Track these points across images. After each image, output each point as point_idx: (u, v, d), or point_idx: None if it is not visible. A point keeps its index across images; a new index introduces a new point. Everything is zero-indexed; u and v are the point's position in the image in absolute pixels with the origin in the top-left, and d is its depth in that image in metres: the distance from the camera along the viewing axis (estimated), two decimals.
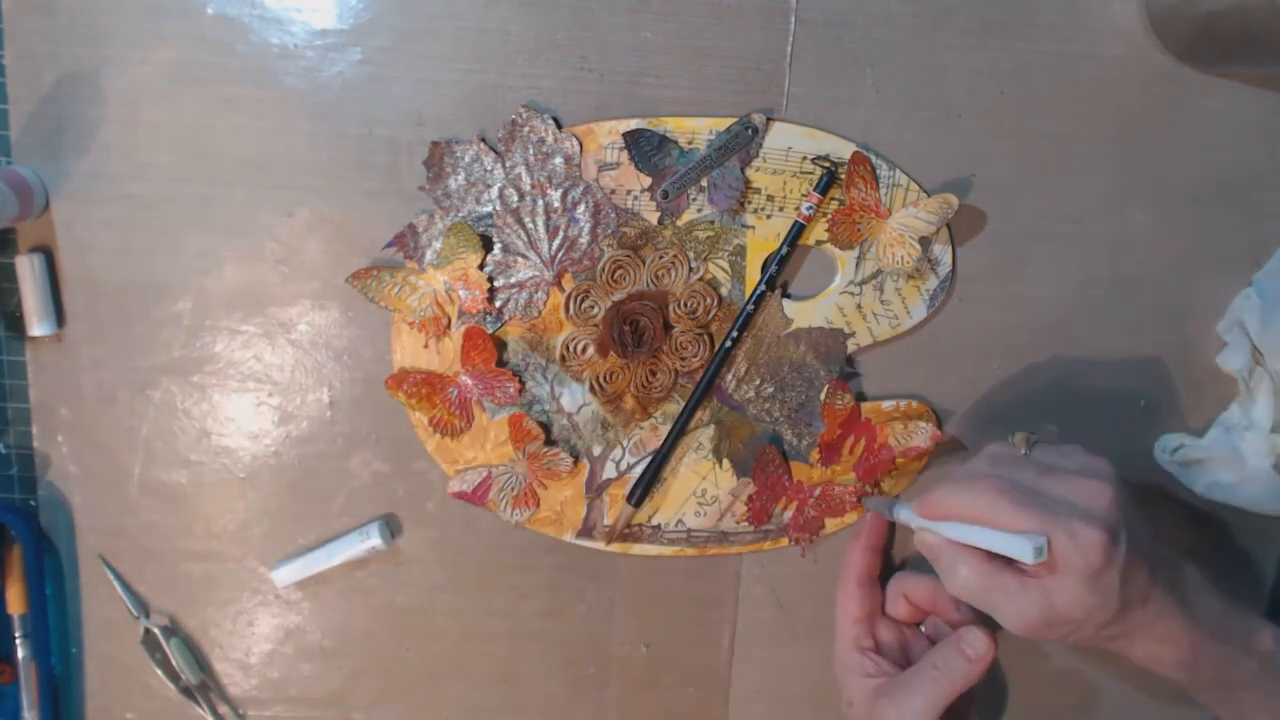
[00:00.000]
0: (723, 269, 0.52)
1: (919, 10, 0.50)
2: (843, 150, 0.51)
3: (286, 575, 0.54)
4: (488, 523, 0.55)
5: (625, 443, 0.54)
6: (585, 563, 0.56)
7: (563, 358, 0.52)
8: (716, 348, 0.52)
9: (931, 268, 0.53)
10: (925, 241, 0.51)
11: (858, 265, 0.52)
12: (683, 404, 0.53)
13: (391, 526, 0.55)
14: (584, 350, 0.52)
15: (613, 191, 0.51)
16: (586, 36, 0.50)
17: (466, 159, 0.50)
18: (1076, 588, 0.41)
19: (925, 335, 0.54)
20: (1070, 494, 0.42)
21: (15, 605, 0.54)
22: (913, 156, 0.52)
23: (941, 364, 0.54)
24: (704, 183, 0.51)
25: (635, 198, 0.51)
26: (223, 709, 0.57)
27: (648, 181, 0.51)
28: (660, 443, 0.53)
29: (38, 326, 0.51)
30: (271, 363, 0.53)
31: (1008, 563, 0.43)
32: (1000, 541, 0.42)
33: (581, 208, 0.51)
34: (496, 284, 0.52)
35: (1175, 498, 0.56)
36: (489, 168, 0.51)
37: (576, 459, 0.54)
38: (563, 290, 0.52)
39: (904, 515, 0.48)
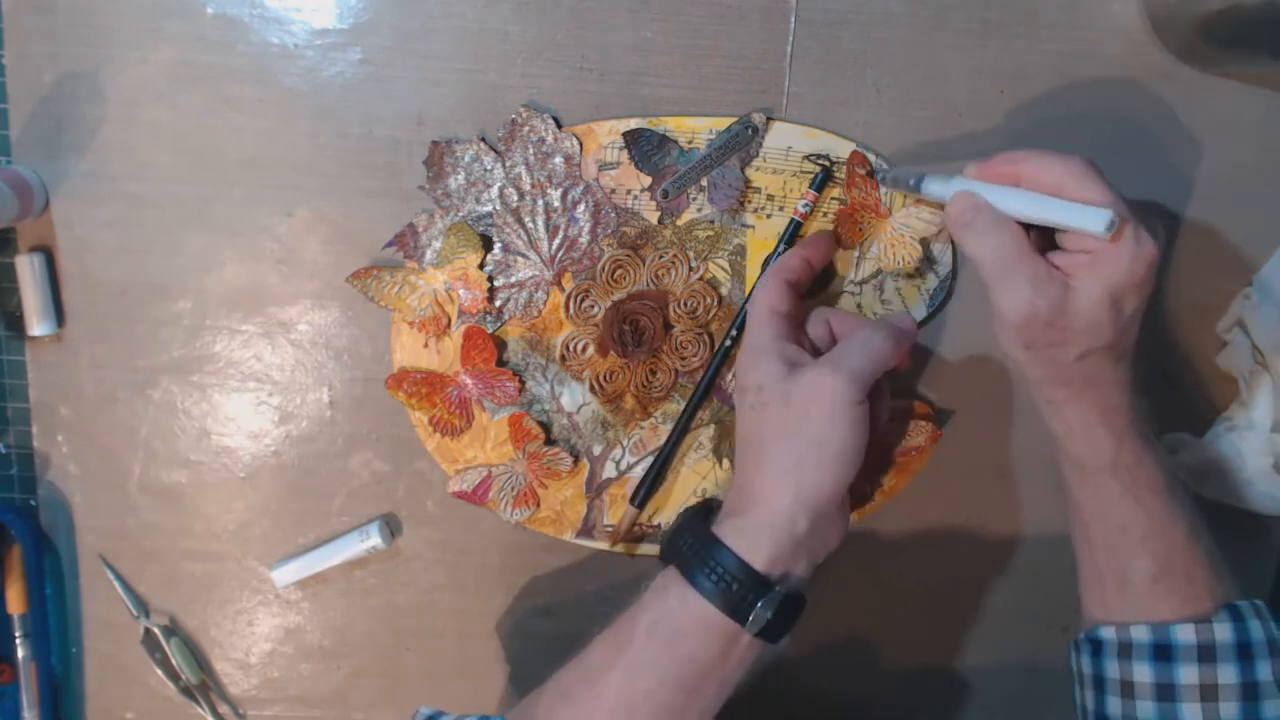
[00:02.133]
0: (723, 268, 0.52)
1: (919, 10, 0.50)
2: (843, 150, 0.51)
3: (286, 575, 0.54)
4: (488, 523, 0.55)
5: (625, 442, 0.54)
6: (585, 563, 0.56)
7: (563, 357, 0.52)
8: (716, 347, 0.52)
9: (931, 268, 0.53)
10: (925, 242, 0.51)
11: (858, 265, 0.52)
12: (683, 404, 0.53)
13: (391, 526, 0.55)
14: (584, 350, 0.52)
15: (613, 191, 0.51)
16: (586, 36, 0.50)
17: (466, 159, 0.50)
18: (1102, 294, 0.41)
19: (925, 335, 0.54)
20: (1139, 216, 0.42)
21: (15, 605, 0.54)
22: (913, 156, 0.52)
23: (941, 364, 0.54)
24: (704, 182, 0.51)
25: (635, 197, 0.51)
26: (223, 709, 0.57)
27: (648, 181, 0.51)
28: (660, 442, 0.53)
29: (38, 326, 0.51)
30: (271, 362, 0.53)
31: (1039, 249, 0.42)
32: (1073, 211, 0.40)
33: (581, 207, 0.51)
34: (496, 283, 0.52)
35: None
36: (489, 167, 0.51)
37: (576, 459, 0.54)
38: (563, 290, 0.52)
39: (935, 188, 0.46)
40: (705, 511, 0.46)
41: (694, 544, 0.43)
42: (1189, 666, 0.44)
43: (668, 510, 0.54)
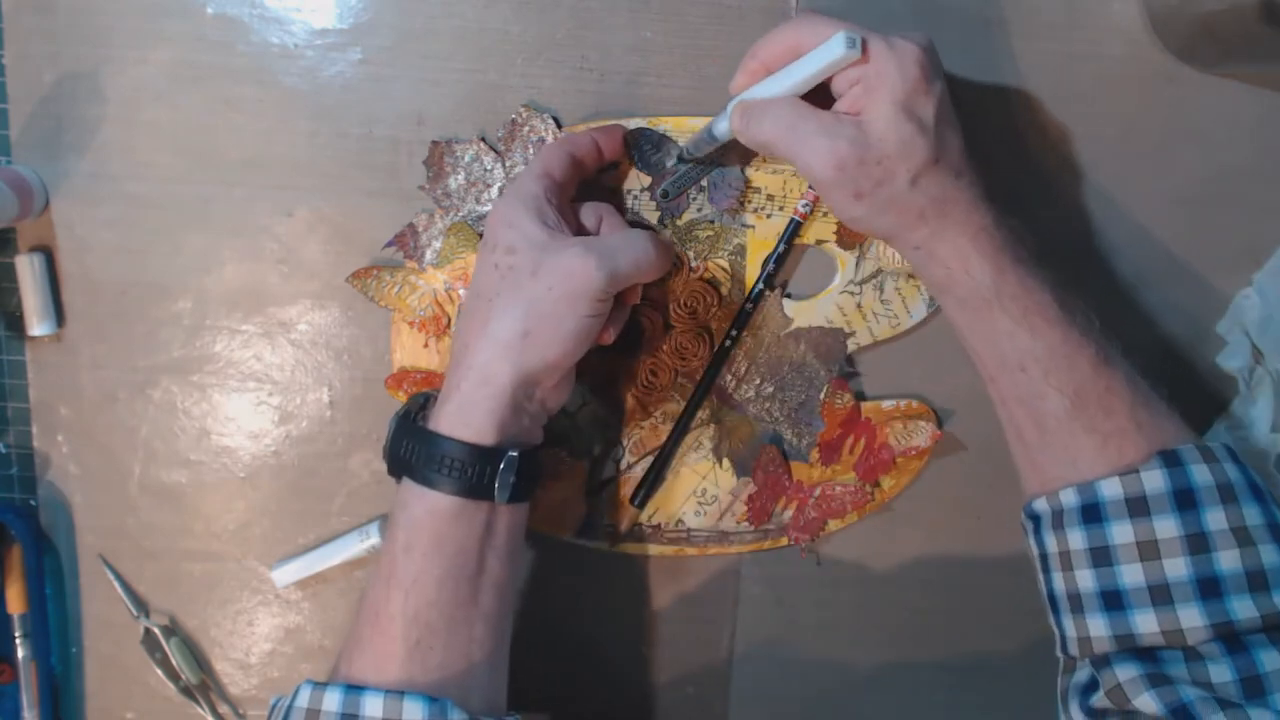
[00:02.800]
0: (723, 268, 0.52)
1: (919, 10, 0.50)
2: None
3: (286, 575, 0.54)
4: None
5: (625, 442, 0.54)
6: (585, 563, 0.56)
7: None
8: (716, 347, 0.52)
9: None
10: None
11: (858, 264, 0.52)
12: (683, 404, 0.53)
13: None
14: None
15: (614, 192, 0.51)
16: (586, 36, 0.50)
17: (466, 158, 0.50)
18: (891, 110, 0.39)
19: (925, 335, 0.54)
20: (890, 33, 0.41)
21: (15, 605, 0.54)
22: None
23: (941, 364, 0.54)
24: (704, 182, 0.51)
25: (635, 197, 0.51)
26: (223, 709, 0.57)
27: (648, 181, 0.51)
28: (660, 442, 0.53)
29: (38, 326, 0.51)
30: (271, 362, 0.53)
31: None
32: (815, 56, 0.40)
33: None
34: None
35: None
36: (489, 167, 0.51)
37: (576, 459, 0.54)
38: None
39: (721, 125, 0.46)
40: (417, 408, 0.46)
41: (416, 447, 0.43)
42: (1121, 524, 0.40)
43: (668, 510, 0.54)
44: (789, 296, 0.53)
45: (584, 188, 0.49)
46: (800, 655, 0.58)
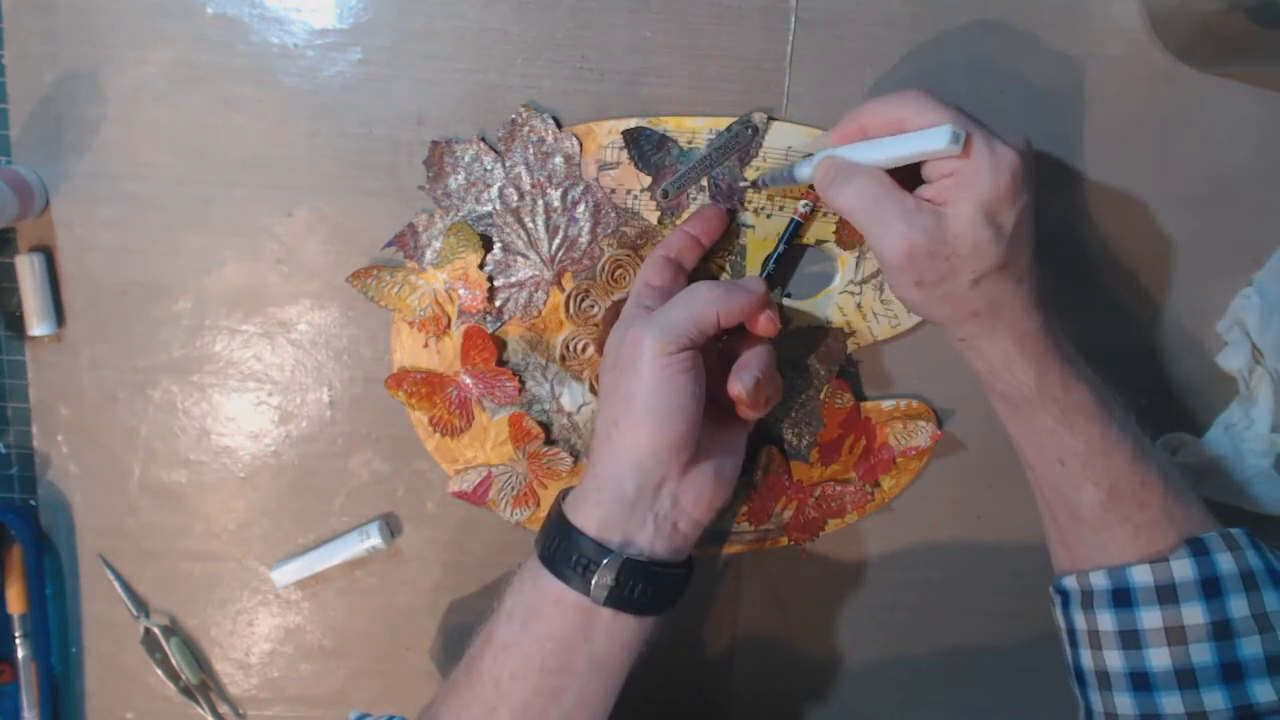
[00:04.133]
0: (723, 269, 0.52)
1: (919, 10, 0.50)
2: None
3: (286, 575, 0.54)
4: (488, 523, 0.55)
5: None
6: None
7: (563, 357, 0.52)
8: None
9: None
10: None
11: (858, 264, 0.52)
12: None
13: (391, 526, 0.55)
14: (584, 349, 0.52)
15: (613, 191, 0.51)
16: (586, 36, 0.50)
17: (466, 159, 0.50)
18: (974, 212, 0.39)
19: (925, 335, 0.54)
20: (994, 128, 0.41)
21: (15, 605, 0.54)
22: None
23: (941, 364, 0.54)
24: (704, 182, 0.51)
25: (635, 197, 0.51)
26: (223, 709, 0.57)
27: (648, 181, 0.51)
28: None
29: (38, 326, 0.51)
30: (271, 362, 0.53)
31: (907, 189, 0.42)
32: (916, 139, 0.40)
33: (581, 207, 0.51)
34: (496, 283, 0.52)
35: None
36: (489, 167, 0.51)
37: (576, 458, 0.54)
38: (563, 290, 0.52)
39: (804, 171, 0.46)
40: (570, 489, 0.46)
41: (547, 523, 0.44)
42: (1150, 610, 0.41)
43: None
44: (789, 296, 0.53)
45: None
46: (800, 655, 0.58)
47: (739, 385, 0.44)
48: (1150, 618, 0.42)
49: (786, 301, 0.53)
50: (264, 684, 0.57)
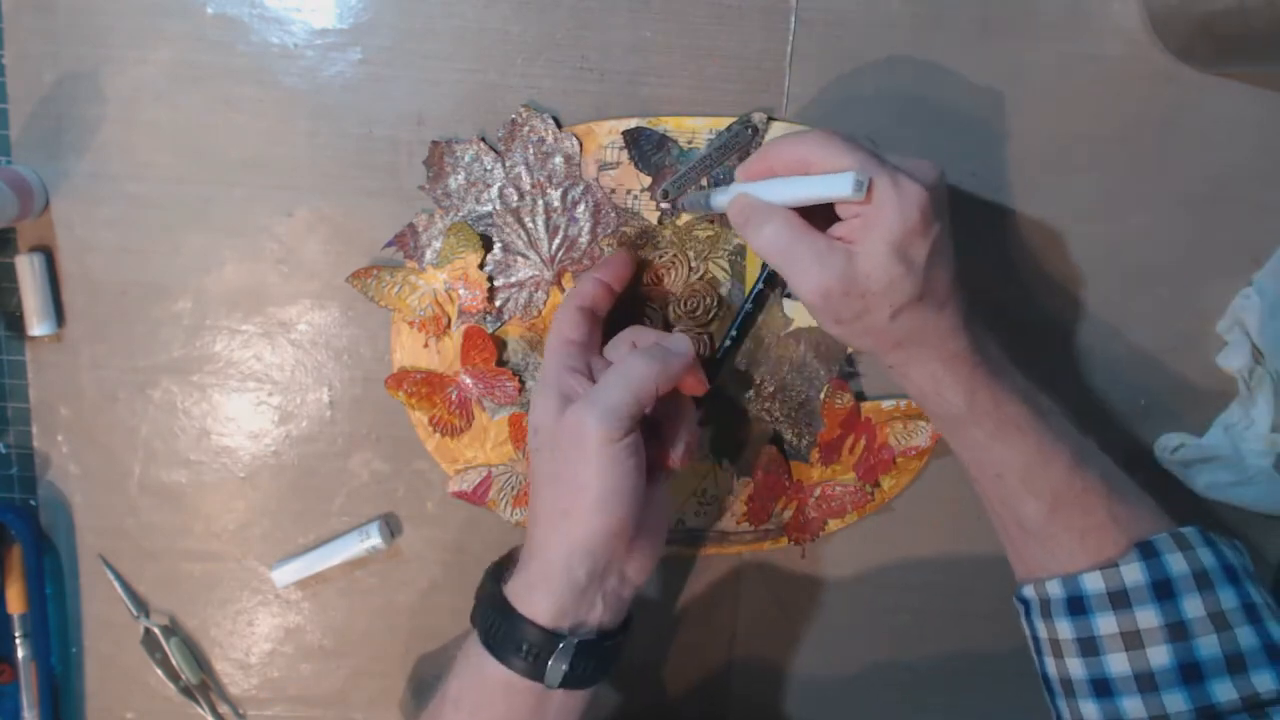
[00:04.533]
0: (723, 269, 0.52)
1: (919, 10, 0.50)
2: None
3: (286, 575, 0.54)
4: (488, 523, 0.55)
5: None
6: None
7: None
8: (716, 347, 0.52)
9: None
10: None
11: None
12: None
13: (391, 526, 0.55)
14: None
15: (613, 191, 0.51)
16: (586, 36, 0.50)
17: (466, 159, 0.50)
18: (884, 250, 0.39)
19: None
20: (901, 162, 0.41)
21: (15, 605, 0.54)
22: (913, 156, 0.52)
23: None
24: (704, 182, 0.51)
25: (635, 197, 0.51)
26: (223, 709, 0.57)
27: (648, 181, 0.51)
28: None
29: (38, 326, 0.51)
30: (271, 362, 0.53)
31: (819, 227, 0.41)
32: (822, 183, 0.40)
33: (581, 207, 0.51)
34: (496, 283, 0.52)
35: None
36: (489, 167, 0.51)
37: None
38: (563, 290, 0.52)
39: (720, 199, 0.45)
40: (505, 564, 0.46)
41: (485, 607, 0.43)
42: (1105, 616, 0.42)
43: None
44: (789, 296, 0.53)
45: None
46: (800, 655, 0.58)
47: (674, 456, 0.46)
48: (1105, 624, 0.42)
49: (786, 301, 0.53)
50: (264, 684, 0.57)
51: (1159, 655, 0.41)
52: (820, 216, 0.41)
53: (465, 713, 0.42)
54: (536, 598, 0.42)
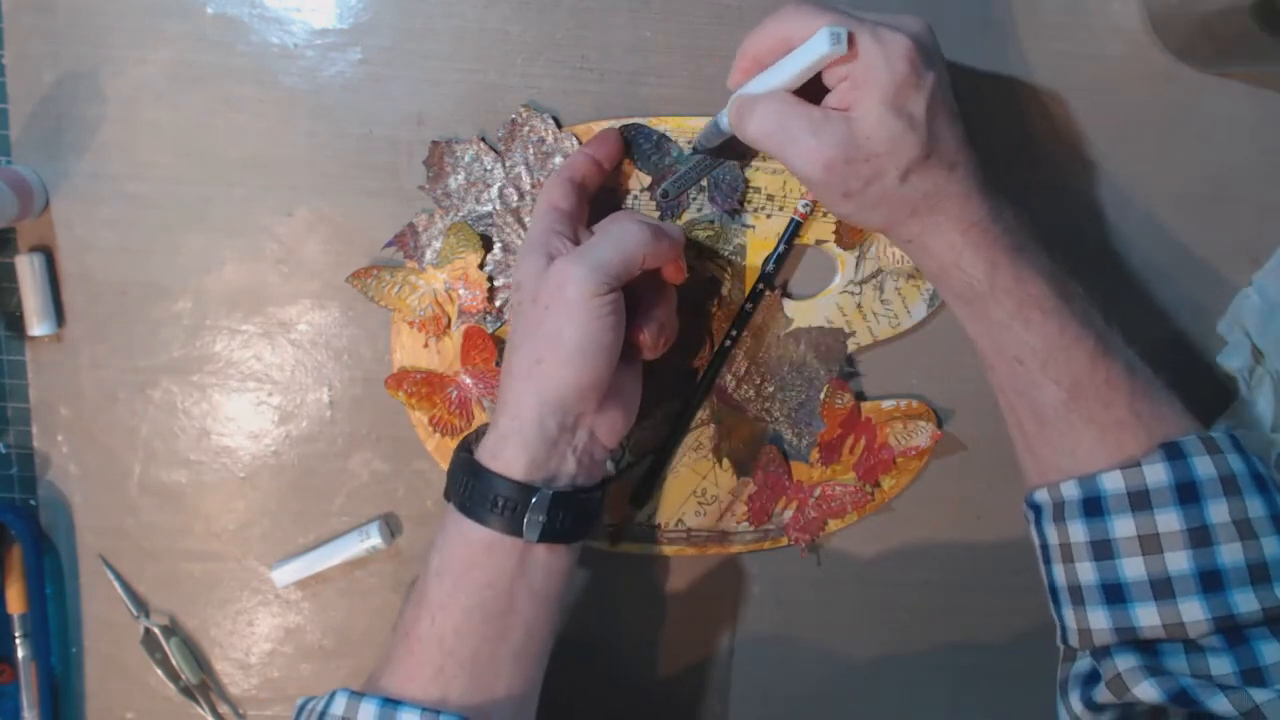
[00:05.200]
0: (723, 269, 0.52)
1: (919, 10, 0.50)
2: None
3: (286, 575, 0.54)
4: None
5: (625, 442, 0.54)
6: (585, 562, 0.56)
7: None
8: (716, 347, 0.52)
9: None
10: None
11: (858, 264, 0.52)
12: (683, 404, 0.53)
13: (391, 526, 0.55)
14: None
15: (613, 191, 0.51)
16: (586, 36, 0.50)
17: (466, 158, 0.50)
18: (879, 107, 0.38)
19: (925, 335, 0.54)
20: (883, 18, 0.40)
21: (15, 605, 0.54)
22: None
23: (941, 364, 0.54)
24: (704, 182, 0.51)
25: (635, 197, 0.51)
26: (223, 709, 0.57)
27: (648, 181, 0.51)
28: (660, 442, 0.53)
29: (38, 326, 0.51)
30: (271, 362, 0.53)
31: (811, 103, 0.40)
32: (802, 52, 0.39)
33: None
34: (496, 283, 0.52)
35: None
36: (489, 167, 0.51)
37: None
38: None
39: (724, 120, 0.45)
40: (475, 435, 0.45)
41: (459, 473, 0.43)
42: (1122, 518, 0.40)
43: (668, 510, 0.54)
44: (789, 296, 0.53)
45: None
46: (800, 655, 0.58)
47: (646, 334, 0.45)
48: (1123, 526, 0.40)
49: (786, 302, 0.53)
50: (264, 684, 0.57)
51: (1178, 561, 0.39)
52: (817, 99, 0.41)
53: (449, 581, 0.42)
54: (509, 452, 0.41)
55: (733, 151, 0.50)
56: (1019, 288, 0.41)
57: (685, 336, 0.52)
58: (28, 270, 0.51)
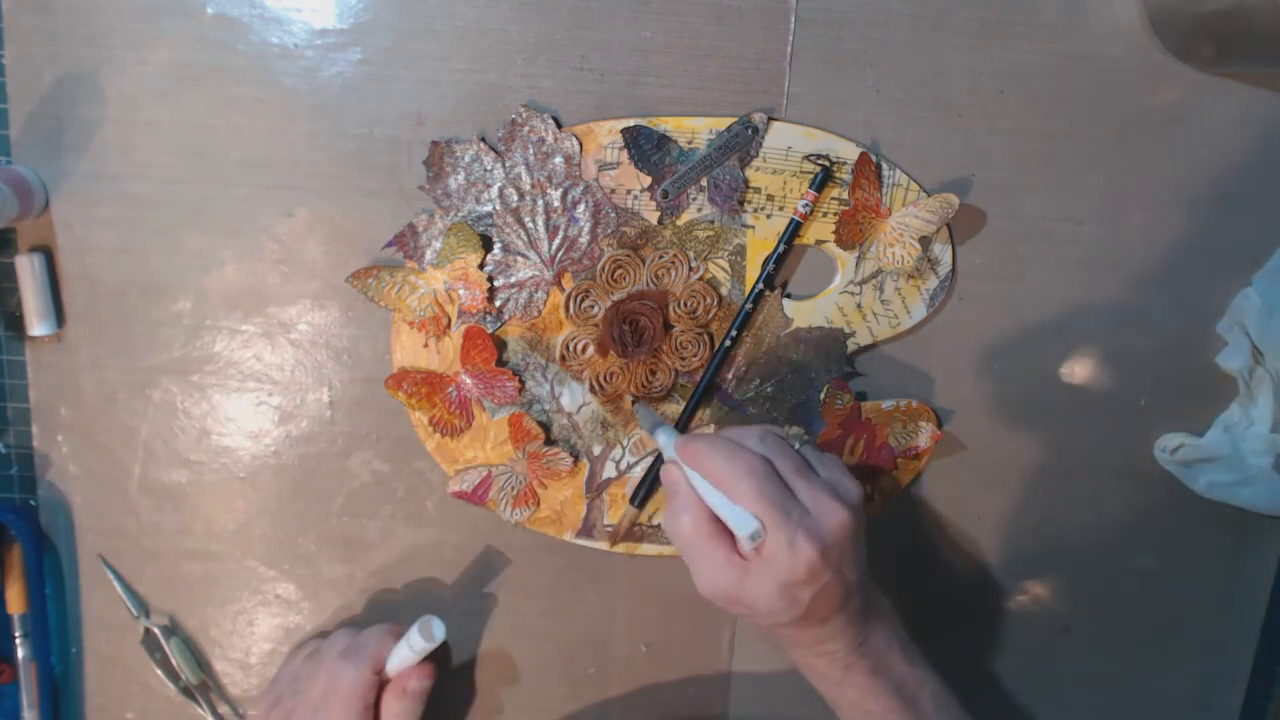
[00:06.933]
0: (723, 268, 0.52)
1: (919, 10, 0.50)
2: (843, 150, 0.51)
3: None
4: (488, 523, 0.55)
5: (625, 442, 0.54)
6: (585, 563, 0.56)
7: (563, 357, 0.52)
8: (716, 347, 0.52)
9: (931, 267, 0.53)
10: (925, 241, 0.51)
11: (858, 265, 0.52)
12: (683, 404, 0.53)
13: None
14: (584, 350, 0.52)
15: (613, 191, 0.51)
16: (586, 36, 0.50)
17: (466, 159, 0.50)
18: (770, 587, 0.42)
19: (925, 335, 0.54)
20: (812, 503, 0.43)
21: (15, 605, 0.54)
22: (913, 156, 0.52)
23: (941, 364, 0.54)
24: (704, 182, 0.51)
25: (635, 197, 0.51)
26: (223, 709, 0.57)
27: (648, 181, 0.51)
28: None
29: (38, 326, 0.51)
30: (271, 363, 0.53)
31: (727, 533, 0.44)
32: (728, 513, 0.43)
33: (581, 207, 0.51)
34: (496, 283, 0.52)
35: None
36: (489, 167, 0.51)
37: (576, 458, 0.54)
38: (563, 290, 0.52)
39: (662, 440, 0.48)
40: None
41: None
42: None
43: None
44: (789, 296, 0.53)
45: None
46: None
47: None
48: None
49: (786, 302, 0.53)
50: (264, 684, 0.57)
51: None
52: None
53: None
54: None
55: (733, 152, 0.50)
56: (864, 701, 0.46)
57: (685, 336, 0.52)
58: (28, 270, 0.51)
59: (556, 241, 0.51)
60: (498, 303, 0.52)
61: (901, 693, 0.46)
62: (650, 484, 0.53)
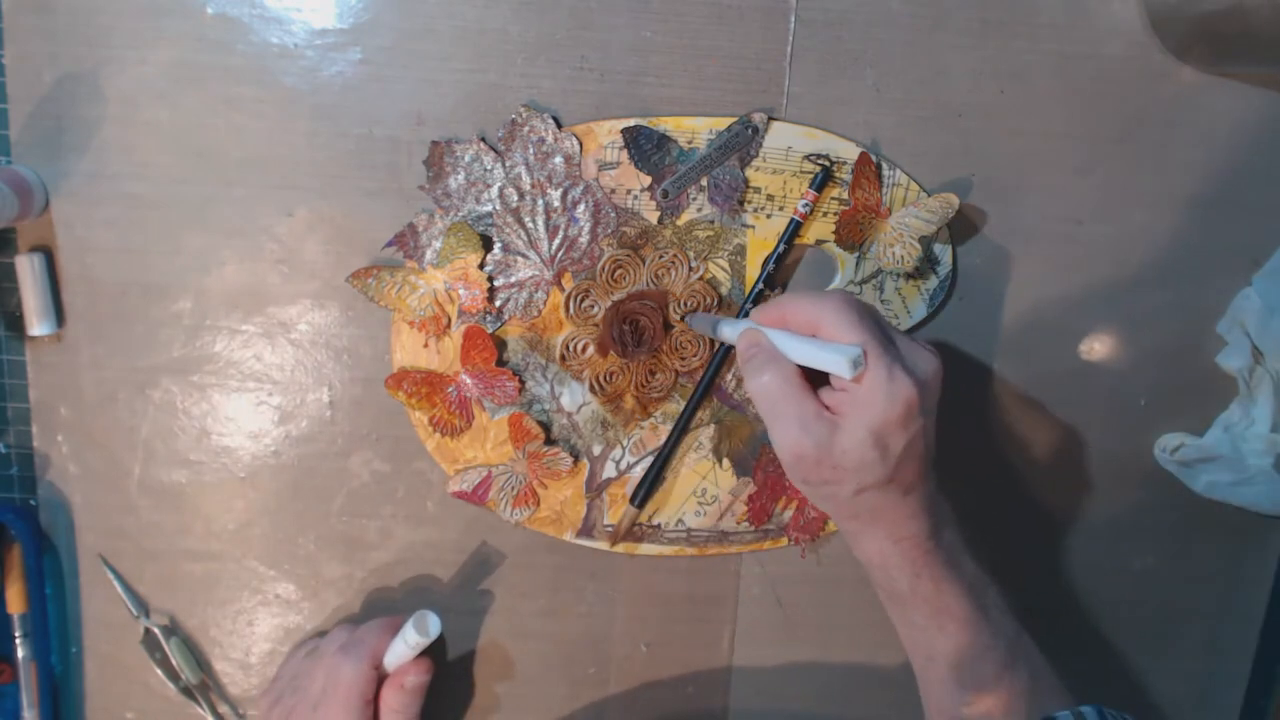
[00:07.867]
0: (723, 268, 0.52)
1: (919, 10, 0.50)
2: (843, 150, 0.51)
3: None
4: (488, 522, 0.55)
5: (625, 442, 0.54)
6: (585, 562, 0.56)
7: (563, 357, 0.52)
8: (716, 347, 0.52)
9: (931, 268, 0.53)
10: (925, 241, 0.51)
11: (858, 265, 0.52)
12: (683, 404, 0.53)
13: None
14: (584, 350, 0.52)
15: (613, 191, 0.51)
16: (586, 36, 0.50)
17: (466, 159, 0.50)
18: (863, 435, 0.41)
19: (925, 335, 0.54)
20: (904, 347, 0.42)
21: (15, 605, 0.54)
22: (913, 156, 0.52)
23: (941, 363, 0.54)
24: (704, 182, 0.51)
25: (635, 197, 0.51)
26: (223, 709, 0.57)
27: (648, 181, 0.51)
28: (660, 442, 0.53)
29: (38, 326, 0.51)
30: (271, 362, 0.53)
31: (813, 389, 0.43)
32: (822, 354, 0.41)
33: (581, 207, 0.51)
34: (496, 283, 0.52)
35: None
36: (489, 167, 0.51)
37: (576, 458, 0.54)
38: (563, 290, 0.52)
39: (727, 331, 0.47)
40: None
41: None
42: None
43: (668, 510, 0.54)
44: None
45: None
46: (800, 655, 0.58)
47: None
48: None
49: None
50: (264, 684, 0.57)
51: None
52: (820, 373, 0.43)
53: None
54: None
55: (733, 152, 0.50)
56: (938, 597, 0.45)
57: (685, 336, 0.52)
58: (28, 270, 0.51)
59: (556, 241, 0.51)
60: (498, 302, 0.52)
61: (973, 590, 0.45)
62: (650, 483, 0.53)
